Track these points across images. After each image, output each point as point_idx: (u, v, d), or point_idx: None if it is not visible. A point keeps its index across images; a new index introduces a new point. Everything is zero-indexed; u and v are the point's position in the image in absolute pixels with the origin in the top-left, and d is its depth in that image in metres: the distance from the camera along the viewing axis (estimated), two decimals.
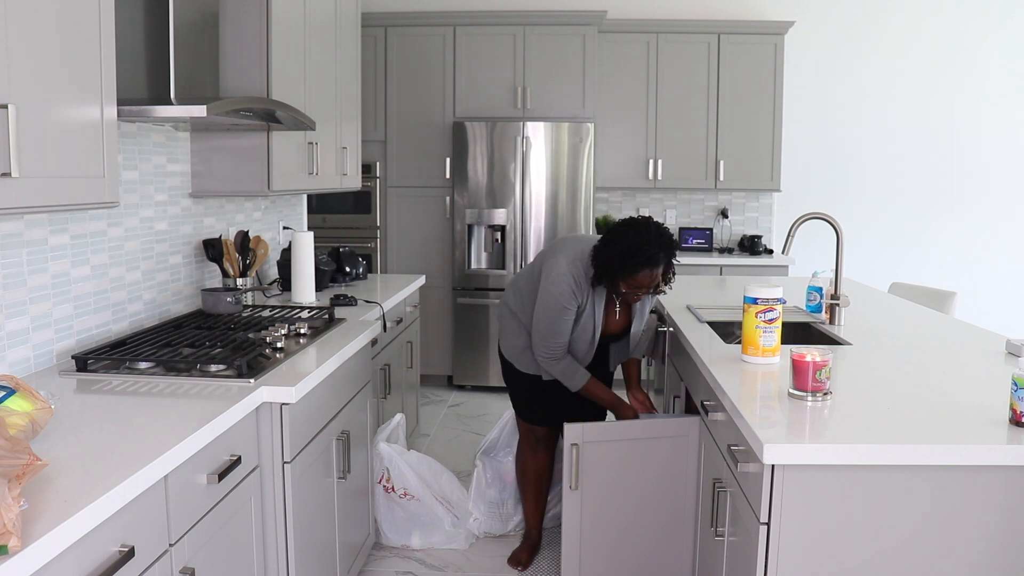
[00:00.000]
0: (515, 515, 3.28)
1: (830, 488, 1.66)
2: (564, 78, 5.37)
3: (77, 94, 1.70)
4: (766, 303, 2.26)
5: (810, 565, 1.69)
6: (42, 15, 1.58)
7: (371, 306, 3.23)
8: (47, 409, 1.53)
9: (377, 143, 5.51)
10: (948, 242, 5.97)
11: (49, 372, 2.10)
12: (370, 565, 3.04)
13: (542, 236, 5.33)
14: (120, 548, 1.38)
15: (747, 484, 1.82)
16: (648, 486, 2.59)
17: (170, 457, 1.52)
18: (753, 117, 5.57)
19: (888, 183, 5.94)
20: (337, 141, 3.66)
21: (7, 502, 1.11)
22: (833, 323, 2.93)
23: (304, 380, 2.09)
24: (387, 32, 5.45)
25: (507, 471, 3.26)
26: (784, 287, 2.47)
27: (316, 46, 3.31)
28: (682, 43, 5.55)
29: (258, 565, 2.03)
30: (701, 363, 2.35)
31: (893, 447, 1.63)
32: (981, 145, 5.88)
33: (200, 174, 2.93)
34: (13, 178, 1.46)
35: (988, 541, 1.66)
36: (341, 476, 2.52)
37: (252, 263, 3.16)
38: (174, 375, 2.07)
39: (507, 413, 3.36)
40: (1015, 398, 1.72)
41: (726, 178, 5.61)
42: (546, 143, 5.27)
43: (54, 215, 2.15)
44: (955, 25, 5.79)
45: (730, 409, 1.94)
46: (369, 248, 5.56)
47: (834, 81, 5.87)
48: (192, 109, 2.13)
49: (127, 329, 2.52)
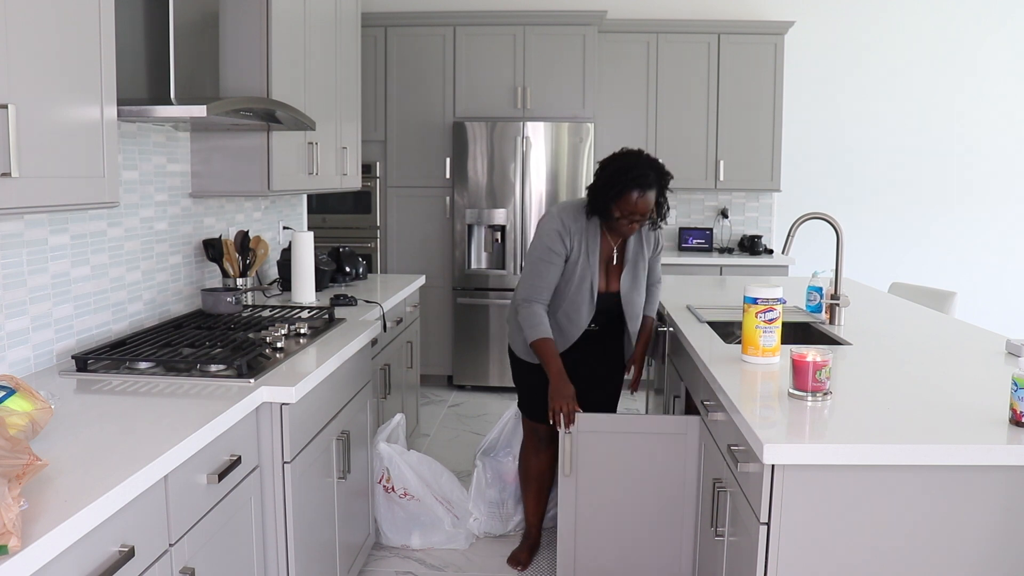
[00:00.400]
0: (515, 515, 3.28)
1: (830, 488, 1.66)
2: (564, 78, 5.37)
3: (77, 94, 1.70)
4: (766, 303, 2.26)
5: (810, 565, 1.69)
6: (42, 15, 1.58)
7: (371, 306, 3.23)
8: (47, 409, 1.53)
9: (377, 143, 5.51)
10: (948, 242, 5.97)
11: (49, 372, 2.10)
12: (370, 565, 3.04)
13: None
14: (120, 548, 1.38)
15: (747, 484, 1.82)
16: (645, 482, 2.58)
17: (170, 457, 1.52)
18: (753, 117, 5.57)
19: (888, 183, 5.94)
20: (337, 141, 3.66)
21: (7, 502, 1.11)
22: (833, 323, 2.93)
23: (304, 380, 2.09)
24: (387, 32, 5.45)
25: (507, 471, 3.26)
26: (784, 287, 2.47)
27: (316, 46, 3.31)
28: (682, 43, 5.55)
29: (258, 565, 2.03)
30: (701, 363, 2.35)
31: (893, 447, 1.63)
32: (981, 145, 5.88)
33: (200, 174, 2.93)
34: (13, 178, 1.46)
35: (988, 541, 1.66)
36: (341, 476, 2.52)
37: (252, 263, 3.16)
38: (174, 375, 2.07)
39: (507, 413, 3.36)
40: (1015, 398, 1.72)
41: (726, 178, 5.61)
42: (546, 143, 5.27)
43: (54, 215, 2.15)
44: (955, 25, 5.79)
45: (730, 409, 1.94)
46: (369, 248, 5.56)
47: (834, 81, 5.87)
48: (192, 109, 2.13)
49: (127, 329, 2.52)
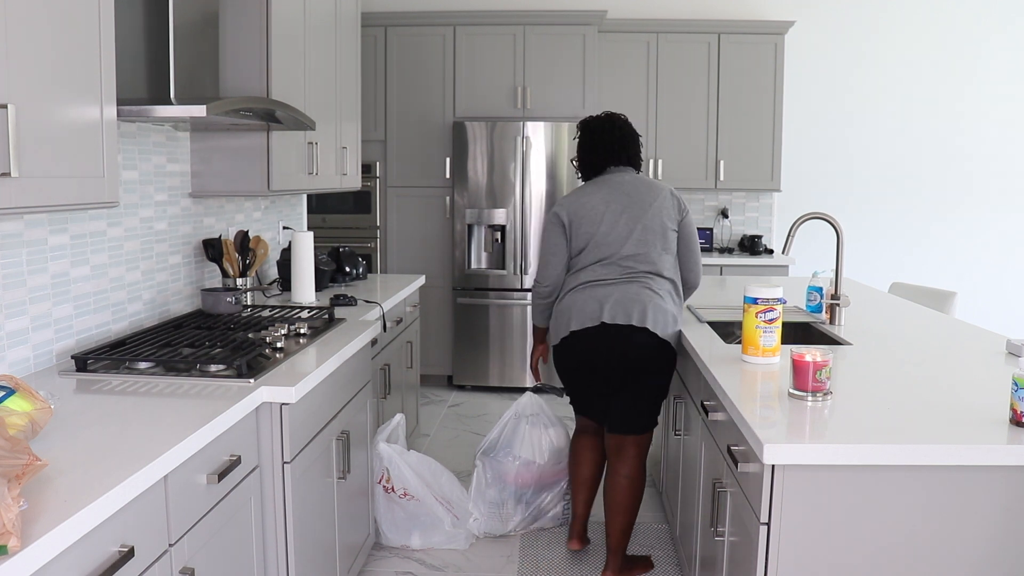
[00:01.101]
0: (515, 515, 3.28)
1: (830, 488, 1.66)
2: (564, 78, 5.37)
3: (77, 94, 1.70)
4: (766, 303, 2.26)
5: (810, 565, 1.69)
6: (42, 15, 1.58)
7: (371, 306, 3.23)
8: (47, 409, 1.53)
9: (377, 143, 5.51)
10: (949, 242, 5.97)
11: (49, 372, 2.10)
12: (370, 565, 3.04)
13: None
14: (120, 548, 1.38)
15: (747, 484, 1.82)
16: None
17: (170, 457, 1.52)
18: (753, 117, 5.57)
19: (888, 183, 5.94)
20: (337, 141, 3.66)
21: (7, 502, 1.11)
22: (833, 323, 2.93)
23: (304, 380, 2.09)
24: (387, 32, 5.45)
25: (507, 471, 3.26)
26: (784, 287, 2.47)
27: (316, 46, 3.31)
28: (682, 43, 5.55)
29: (258, 565, 2.03)
30: (701, 363, 2.35)
31: (893, 447, 1.63)
32: (981, 145, 5.88)
33: (200, 174, 2.93)
34: (13, 178, 1.46)
35: (988, 541, 1.66)
36: (341, 476, 2.52)
37: (252, 263, 3.16)
38: (174, 375, 2.07)
39: (507, 413, 3.36)
40: (1015, 398, 1.72)
41: (726, 178, 5.61)
42: (546, 143, 5.27)
43: (54, 215, 2.15)
44: (956, 25, 5.79)
45: (730, 409, 1.94)
46: (369, 248, 5.56)
47: (834, 81, 5.87)
48: (192, 109, 2.13)
49: (127, 329, 2.52)
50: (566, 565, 3.05)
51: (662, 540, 3.23)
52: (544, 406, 3.37)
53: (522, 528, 3.29)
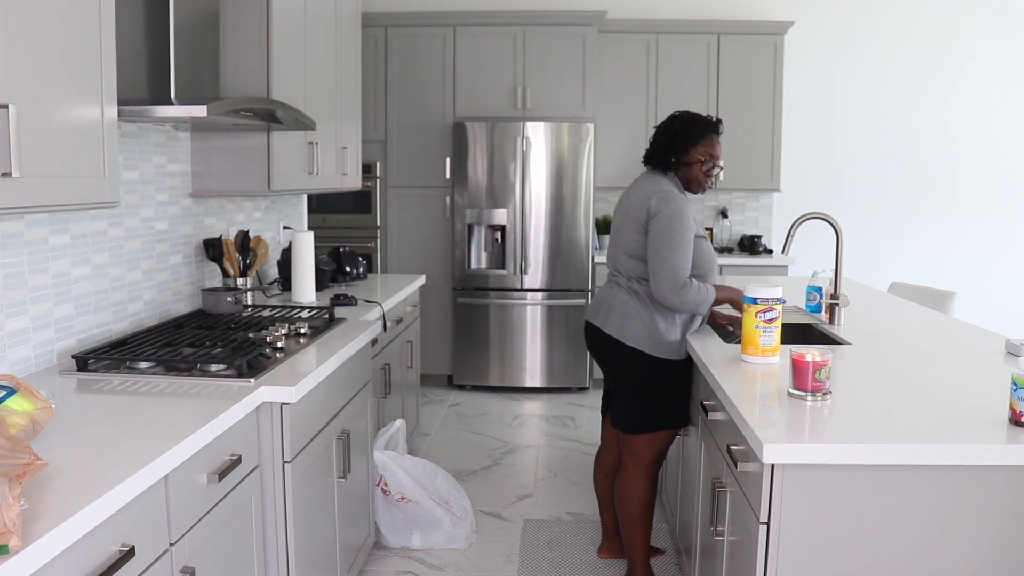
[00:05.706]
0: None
1: (830, 488, 1.67)
2: (564, 78, 5.37)
3: (77, 94, 1.70)
4: (766, 303, 2.26)
5: (809, 564, 1.69)
6: (42, 15, 1.58)
7: (371, 306, 3.23)
8: (47, 409, 1.53)
9: (377, 143, 5.51)
10: (948, 242, 5.97)
11: (49, 372, 2.10)
12: (370, 565, 3.04)
13: (542, 236, 5.33)
14: (120, 547, 1.38)
15: (747, 484, 1.83)
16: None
17: (170, 457, 1.53)
18: (753, 117, 5.57)
19: (888, 183, 5.94)
20: (337, 141, 3.66)
21: (8, 502, 1.11)
22: (833, 323, 2.94)
23: (304, 380, 2.09)
24: (387, 32, 5.45)
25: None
26: (784, 287, 2.47)
27: (316, 46, 3.31)
28: (682, 43, 5.55)
29: (258, 565, 2.03)
30: (701, 363, 2.36)
31: (893, 447, 1.64)
32: (981, 145, 5.88)
33: (200, 174, 2.93)
34: (14, 178, 1.46)
35: (988, 541, 1.67)
36: (341, 476, 2.52)
37: (252, 263, 3.16)
38: (174, 375, 2.07)
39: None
40: (1015, 398, 1.72)
41: (726, 178, 5.61)
42: (546, 143, 5.27)
43: (55, 215, 2.15)
44: (954, 25, 5.79)
45: (730, 409, 1.94)
46: (369, 248, 5.56)
47: (834, 81, 5.87)
48: (192, 109, 2.13)
49: (127, 329, 2.52)
50: (566, 564, 3.06)
51: (662, 539, 3.23)
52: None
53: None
